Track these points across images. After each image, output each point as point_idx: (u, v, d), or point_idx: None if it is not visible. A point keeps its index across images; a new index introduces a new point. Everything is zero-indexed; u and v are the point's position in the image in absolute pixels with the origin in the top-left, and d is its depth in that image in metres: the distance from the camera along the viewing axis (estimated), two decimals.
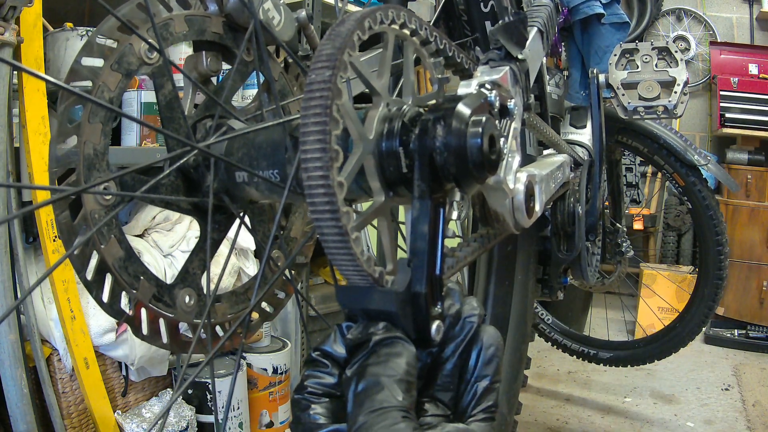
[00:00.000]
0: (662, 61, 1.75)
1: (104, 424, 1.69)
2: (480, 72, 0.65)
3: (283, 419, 2.27)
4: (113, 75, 0.57)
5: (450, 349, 0.46)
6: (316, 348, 0.45)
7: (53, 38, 1.76)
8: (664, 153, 2.02)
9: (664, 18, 4.58)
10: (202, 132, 0.65)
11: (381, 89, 0.46)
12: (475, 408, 0.45)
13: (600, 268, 1.92)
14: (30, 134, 1.50)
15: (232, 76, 0.69)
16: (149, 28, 0.59)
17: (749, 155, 3.84)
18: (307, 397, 0.43)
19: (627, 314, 3.63)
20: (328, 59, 0.39)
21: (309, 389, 0.43)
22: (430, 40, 0.56)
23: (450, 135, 0.43)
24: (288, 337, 2.40)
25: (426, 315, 0.43)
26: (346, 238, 0.38)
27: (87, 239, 0.54)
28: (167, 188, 0.62)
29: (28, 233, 1.69)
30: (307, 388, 0.43)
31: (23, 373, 1.48)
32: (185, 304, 0.62)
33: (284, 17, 0.71)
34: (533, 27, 0.90)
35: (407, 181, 0.45)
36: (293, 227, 0.77)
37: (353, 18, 0.43)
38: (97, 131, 0.56)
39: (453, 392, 0.46)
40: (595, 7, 1.93)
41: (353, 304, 0.43)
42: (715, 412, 2.54)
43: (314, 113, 0.37)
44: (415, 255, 0.43)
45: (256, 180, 0.57)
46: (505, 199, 0.61)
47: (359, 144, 0.42)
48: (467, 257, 0.61)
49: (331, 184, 0.37)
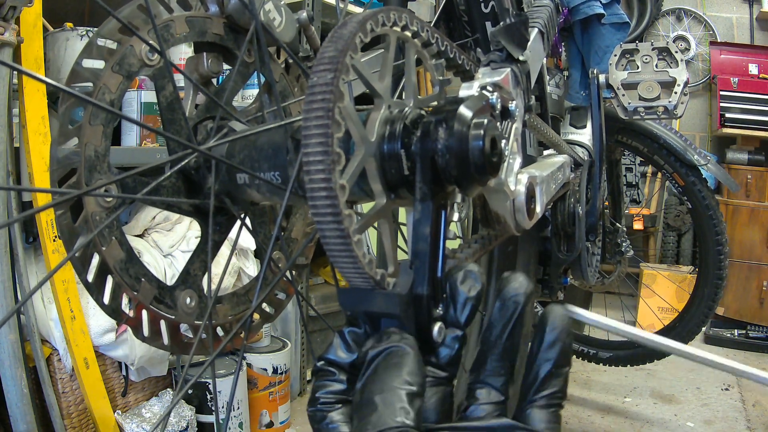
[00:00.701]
0: (662, 61, 1.75)
1: (104, 424, 1.69)
2: (481, 74, 0.65)
3: (283, 419, 2.27)
4: (114, 77, 0.57)
5: (496, 331, 0.44)
6: (320, 357, 0.45)
7: (53, 38, 1.76)
8: (664, 153, 2.03)
9: (664, 18, 4.58)
10: (203, 134, 0.65)
11: (383, 91, 0.46)
12: (537, 393, 0.42)
13: (600, 268, 1.92)
14: (30, 134, 1.51)
15: (233, 78, 0.68)
16: (150, 29, 0.59)
17: (749, 155, 3.84)
18: (320, 408, 0.42)
19: (627, 314, 3.63)
20: (330, 62, 0.39)
21: (321, 400, 0.42)
22: (432, 41, 0.55)
23: (452, 137, 0.43)
24: (288, 337, 2.41)
25: (428, 317, 0.43)
26: (348, 240, 0.38)
27: (88, 241, 0.54)
28: (168, 190, 0.62)
29: (28, 233, 1.70)
30: (319, 400, 0.42)
31: (23, 373, 1.48)
32: (186, 306, 0.62)
33: (285, 18, 0.71)
34: (534, 28, 0.90)
35: (409, 184, 0.45)
36: (294, 228, 0.77)
37: (355, 20, 0.43)
38: (98, 133, 0.56)
39: (505, 377, 0.44)
40: (595, 7, 1.93)
41: (355, 307, 0.42)
42: (715, 412, 2.54)
43: (316, 116, 0.37)
44: (417, 257, 0.43)
45: (257, 182, 0.57)
46: (506, 200, 0.61)
47: (361, 146, 0.42)
48: (468, 258, 0.61)
49: (333, 187, 0.37)
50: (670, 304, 3.29)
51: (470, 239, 0.67)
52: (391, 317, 0.41)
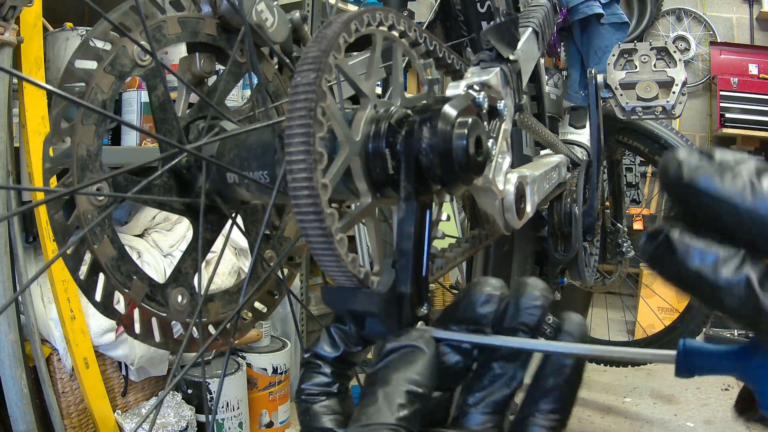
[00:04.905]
0: (661, 61, 1.75)
1: (104, 424, 1.70)
2: (470, 73, 0.65)
3: (283, 419, 2.27)
4: (106, 77, 0.58)
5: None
6: (307, 350, 0.45)
7: (53, 38, 1.76)
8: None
9: (664, 18, 4.58)
10: (194, 133, 0.66)
11: (368, 91, 0.46)
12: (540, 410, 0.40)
13: (601, 268, 1.92)
14: (30, 134, 1.51)
15: (225, 78, 0.69)
16: (142, 30, 0.59)
17: (749, 155, 3.83)
18: (305, 399, 0.43)
19: (627, 314, 3.62)
20: (313, 62, 0.39)
21: (306, 391, 0.43)
22: (420, 41, 0.56)
23: (435, 136, 0.43)
24: (288, 337, 2.41)
25: (411, 316, 0.43)
26: (330, 239, 0.38)
27: (79, 238, 0.55)
28: (160, 189, 0.62)
29: (27, 233, 1.70)
30: (305, 391, 0.43)
31: (23, 373, 1.49)
32: (178, 304, 0.63)
33: (277, 19, 0.72)
34: (527, 27, 0.90)
35: (394, 183, 0.45)
36: (287, 227, 0.78)
37: (339, 21, 0.43)
38: (91, 133, 0.57)
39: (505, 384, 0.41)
40: (594, 7, 1.94)
41: (338, 305, 0.43)
42: (715, 412, 2.54)
43: (298, 116, 0.38)
44: (401, 256, 0.44)
45: (246, 181, 0.57)
46: (494, 200, 0.61)
47: (345, 145, 0.43)
48: (457, 258, 0.61)
49: (315, 186, 0.37)
50: (671, 305, 3.29)
51: (461, 239, 0.67)
52: (373, 316, 0.41)
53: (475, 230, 0.69)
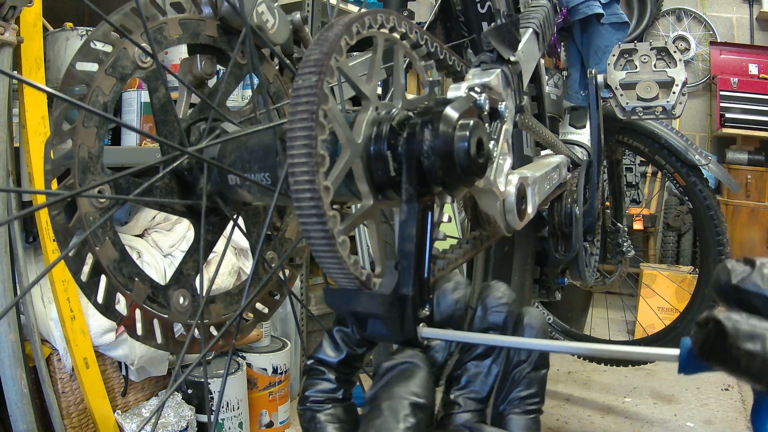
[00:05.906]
0: (661, 61, 1.75)
1: (104, 424, 1.70)
2: (471, 75, 0.65)
3: (283, 419, 2.28)
4: (108, 79, 0.58)
5: None
6: (310, 356, 0.45)
7: (53, 38, 1.76)
8: (666, 153, 2.03)
9: (664, 18, 4.58)
10: (196, 135, 0.66)
11: (370, 93, 0.46)
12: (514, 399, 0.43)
13: (601, 268, 1.92)
14: (30, 134, 1.51)
15: (226, 79, 0.69)
16: (143, 32, 0.59)
17: (749, 155, 3.84)
18: (309, 407, 0.43)
19: (627, 314, 3.63)
20: (315, 65, 0.40)
21: (310, 399, 0.43)
22: (421, 43, 0.56)
23: (437, 139, 0.43)
24: (288, 337, 2.41)
25: (413, 318, 0.43)
26: (333, 241, 0.38)
27: (81, 241, 0.55)
28: (161, 191, 0.62)
29: (28, 233, 1.70)
30: (309, 398, 0.43)
31: (23, 373, 1.49)
32: (179, 305, 0.62)
33: (278, 20, 0.72)
34: (528, 28, 0.90)
35: (396, 185, 0.45)
36: (288, 228, 0.78)
37: (341, 23, 0.43)
38: (92, 135, 0.57)
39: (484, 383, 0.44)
40: (594, 7, 1.93)
41: (341, 307, 0.43)
42: (715, 412, 2.54)
43: (300, 118, 0.38)
44: (403, 257, 0.44)
45: (248, 183, 0.57)
46: (495, 201, 0.61)
47: (347, 148, 0.43)
48: (459, 259, 0.61)
49: (317, 188, 0.37)
50: (671, 304, 3.29)
51: (462, 240, 0.67)
52: (375, 317, 0.41)
53: (476, 231, 0.69)
